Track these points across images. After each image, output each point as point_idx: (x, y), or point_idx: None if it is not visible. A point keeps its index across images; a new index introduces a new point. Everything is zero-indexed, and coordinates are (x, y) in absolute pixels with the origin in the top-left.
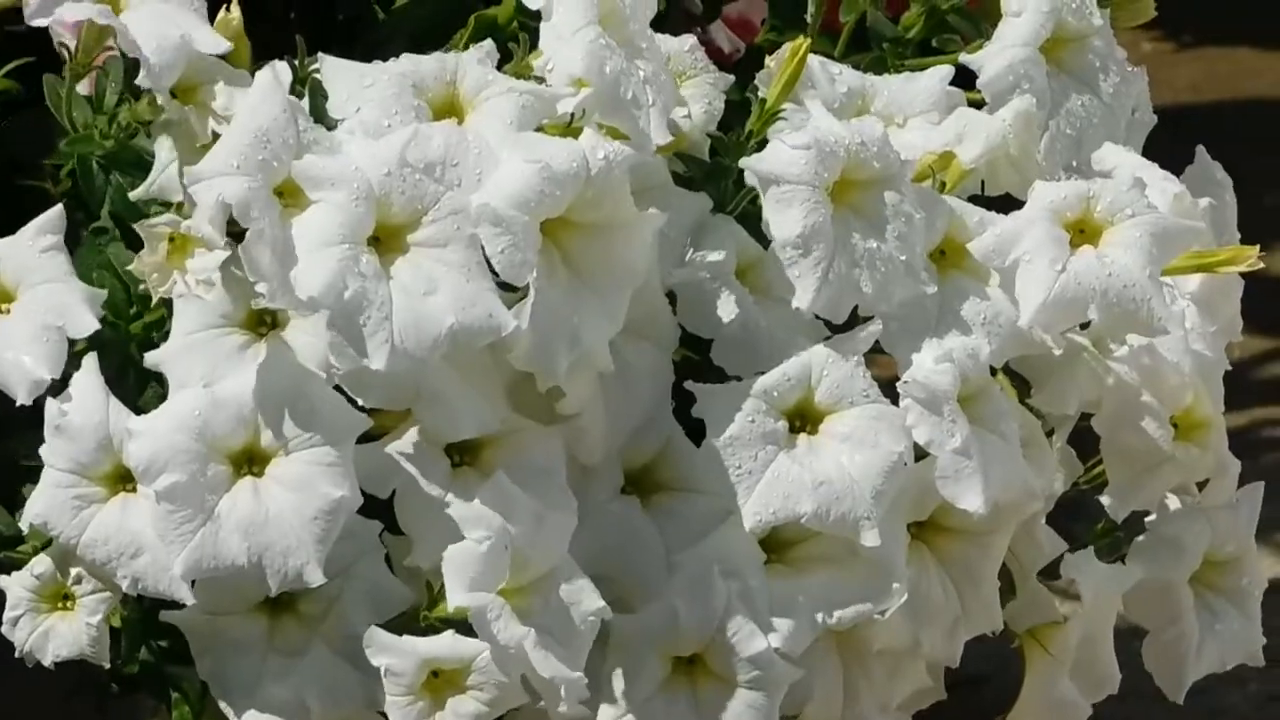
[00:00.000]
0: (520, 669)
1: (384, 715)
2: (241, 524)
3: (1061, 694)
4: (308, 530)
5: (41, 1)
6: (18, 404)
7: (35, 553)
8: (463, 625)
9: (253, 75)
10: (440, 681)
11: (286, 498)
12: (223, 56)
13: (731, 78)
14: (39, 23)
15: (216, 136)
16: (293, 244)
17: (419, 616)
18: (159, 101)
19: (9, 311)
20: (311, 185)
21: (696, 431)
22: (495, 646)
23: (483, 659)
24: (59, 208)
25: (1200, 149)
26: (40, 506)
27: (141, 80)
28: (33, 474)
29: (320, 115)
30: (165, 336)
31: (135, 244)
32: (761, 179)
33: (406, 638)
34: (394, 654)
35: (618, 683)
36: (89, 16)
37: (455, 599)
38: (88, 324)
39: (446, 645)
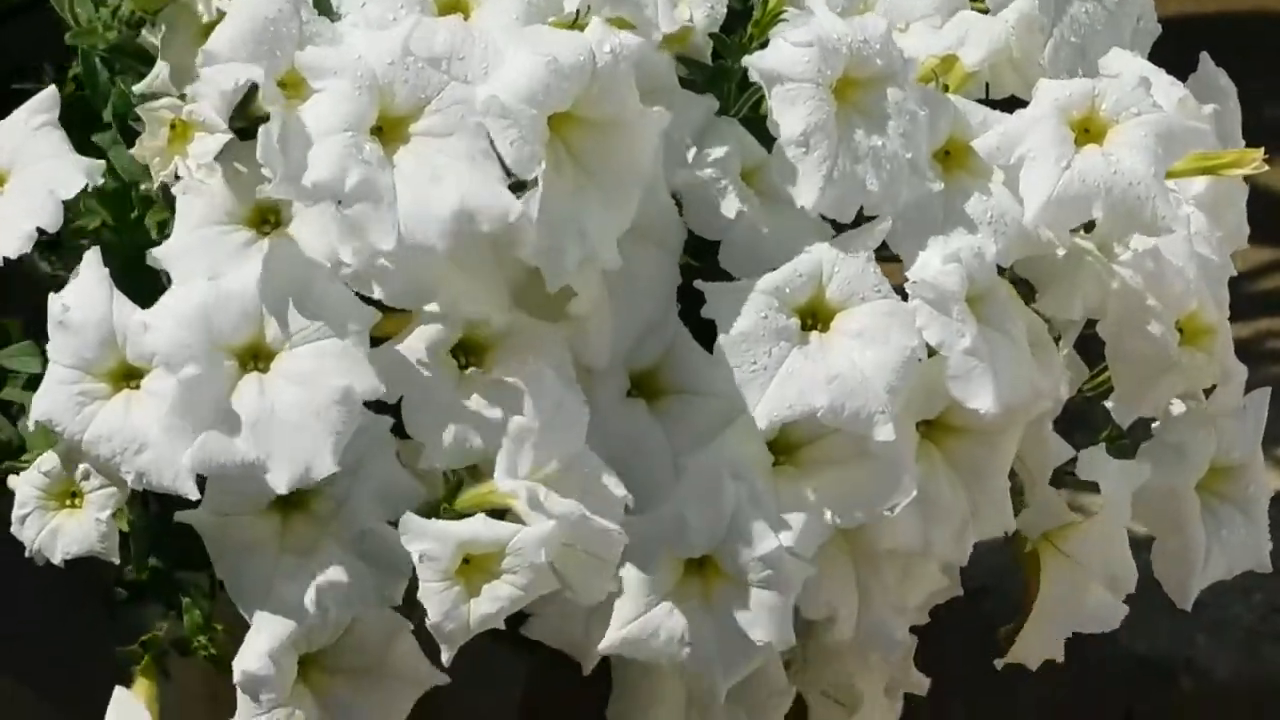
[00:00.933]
0: (575, 538)
1: (398, 610)
2: (249, 419)
3: (1090, 597)
4: (317, 423)
5: None
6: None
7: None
8: (489, 512)
9: None
10: (472, 568)
11: (293, 392)
12: None
13: None
14: None
15: (219, 16)
16: (301, 132)
17: (435, 511)
18: None
19: (3, 192)
20: (314, 74)
21: (701, 338)
22: (551, 520)
23: (517, 542)
24: (51, 88)
25: (1204, 55)
26: (45, 404)
27: None
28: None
29: (324, 9)
30: (167, 239)
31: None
32: (765, 77)
33: (441, 521)
34: (429, 538)
35: (631, 585)
36: None
37: (504, 484)
38: (77, 183)
39: (481, 528)
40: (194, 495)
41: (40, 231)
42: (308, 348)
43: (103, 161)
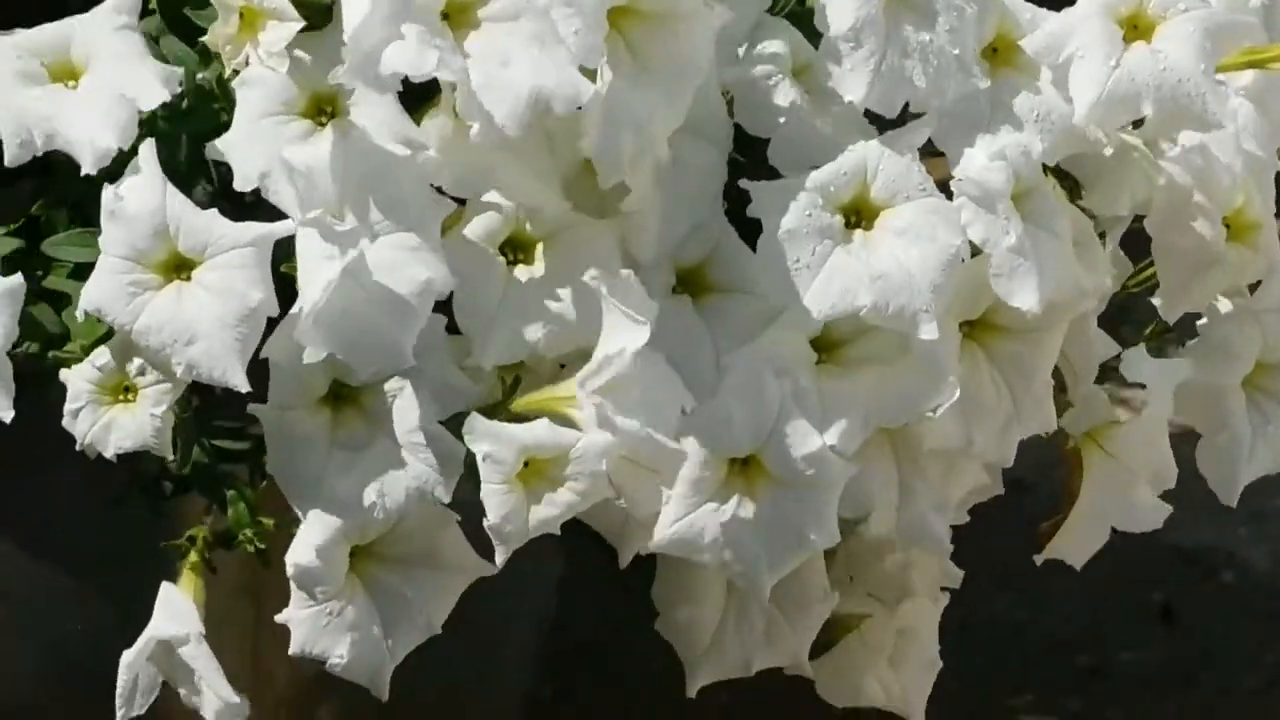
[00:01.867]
0: (638, 452)
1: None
2: (334, 311)
3: (1133, 494)
4: (400, 311)
5: None
6: (83, 172)
7: (85, 351)
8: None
9: None
10: (530, 473)
11: (375, 284)
12: None
13: None
14: None
15: None
16: (375, 19)
17: (490, 413)
18: None
19: (75, 86)
20: None
21: (747, 236)
22: (616, 434)
23: (579, 448)
24: None
25: None
26: (95, 293)
27: None
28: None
29: None
30: (222, 129)
31: (188, 35)
32: None
33: (506, 424)
34: (494, 441)
35: (677, 484)
36: None
37: (579, 392)
38: (158, 94)
39: (546, 433)
40: (244, 387)
41: None
42: (389, 238)
43: (179, 69)
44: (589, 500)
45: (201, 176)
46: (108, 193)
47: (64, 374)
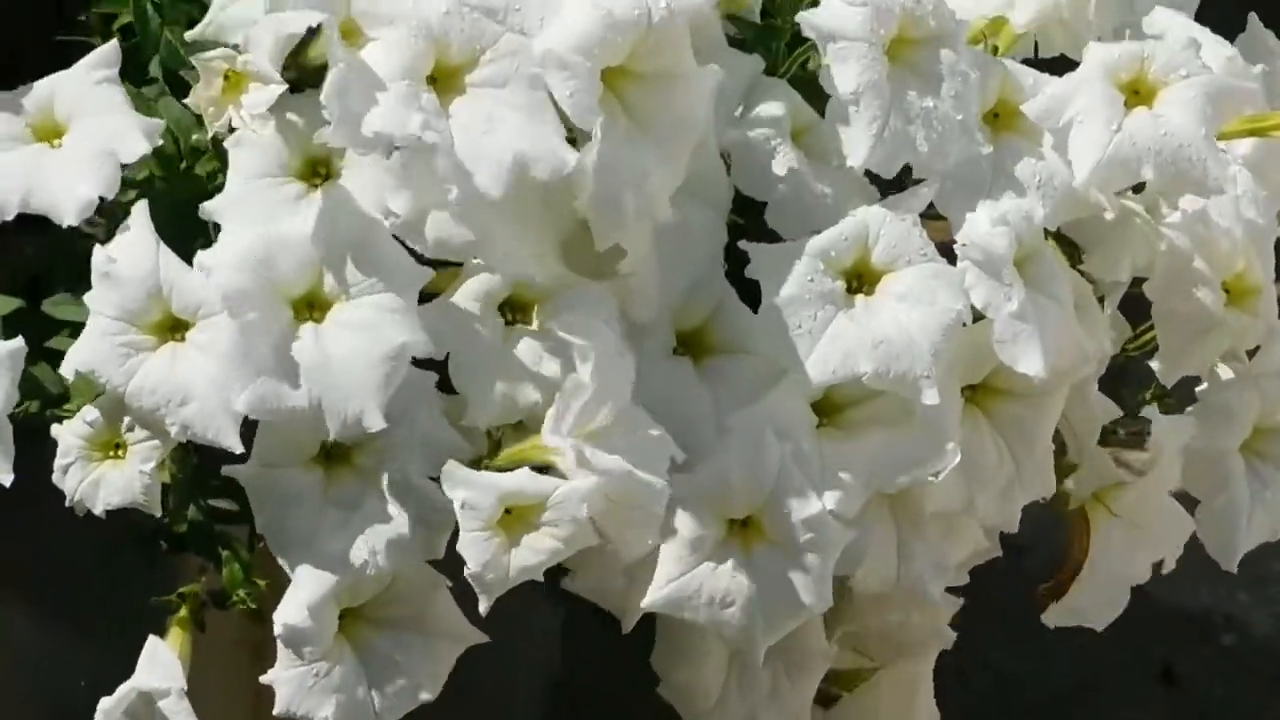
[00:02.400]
0: (620, 493)
1: (433, 564)
2: (304, 367)
3: (1142, 554)
4: (369, 374)
5: None
6: (64, 225)
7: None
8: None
9: None
10: (513, 519)
11: (350, 341)
12: None
13: None
14: None
15: None
16: (360, 80)
17: (477, 465)
18: None
19: (59, 145)
20: (371, 22)
21: (747, 298)
22: (597, 474)
23: (559, 495)
24: (114, 43)
25: (1252, 16)
26: (87, 354)
27: None
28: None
29: None
30: (217, 190)
31: (183, 96)
32: (818, 34)
33: (483, 472)
34: (472, 488)
35: (673, 543)
36: None
37: (550, 439)
38: (139, 147)
39: (525, 480)
40: (238, 448)
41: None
42: (367, 299)
43: (161, 121)
44: (572, 546)
45: (199, 235)
46: (99, 254)
47: (55, 430)
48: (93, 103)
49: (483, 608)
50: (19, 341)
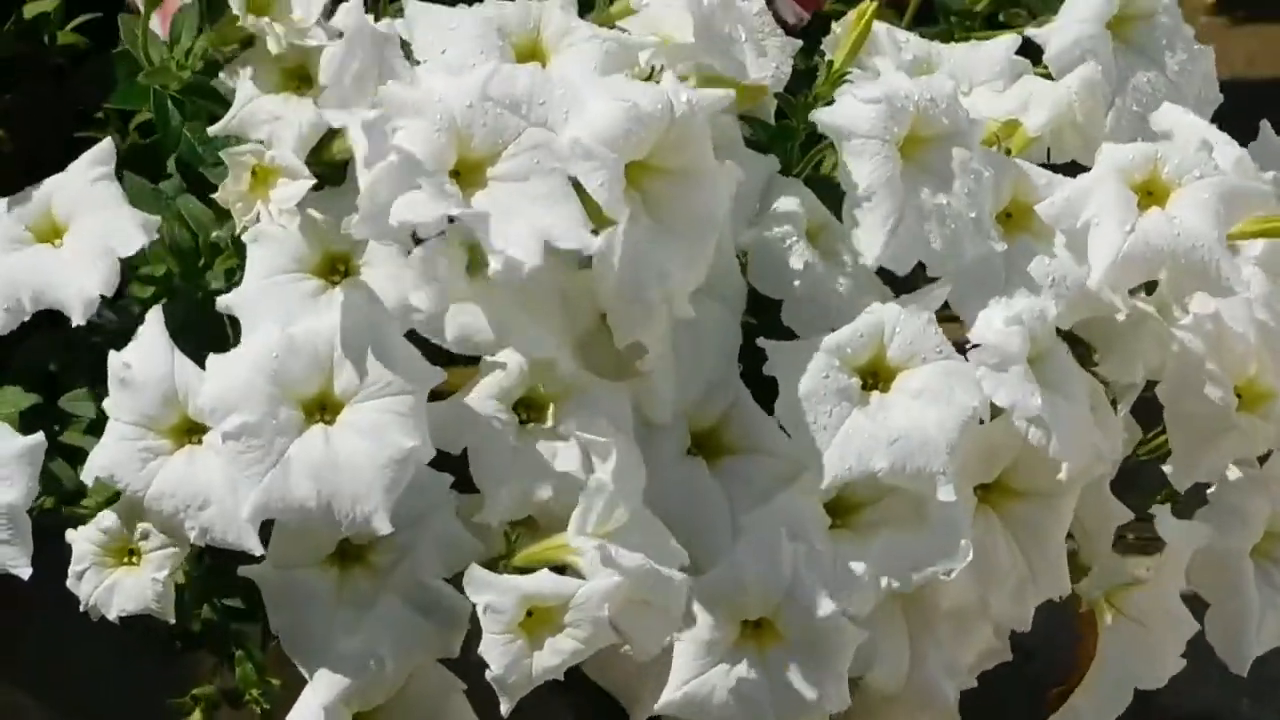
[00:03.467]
0: (642, 591)
1: (452, 666)
2: (311, 468)
3: (1149, 655)
4: (378, 477)
5: None
6: (74, 324)
7: (98, 508)
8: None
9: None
10: (535, 620)
11: (358, 444)
12: None
13: (798, 42)
14: None
15: (293, 54)
16: (385, 174)
17: (494, 566)
18: (234, 9)
19: (61, 245)
20: (395, 111)
21: (761, 398)
22: (622, 572)
23: (580, 596)
24: (108, 141)
25: (1264, 124)
26: (106, 459)
27: None
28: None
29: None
30: (236, 286)
31: (201, 193)
32: (833, 132)
33: (506, 575)
34: (495, 591)
35: (686, 646)
36: None
37: (575, 540)
38: (137, 241)
39: (547, 582)
40: (258, 551)
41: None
42: (376, 402)
43: (158, 217)
44: (592, 646)
45: (218, 332)
46: (115, 359)
47: (69, 535)
48: (90, 201)
49: (505, 710)
50: (39, 437)
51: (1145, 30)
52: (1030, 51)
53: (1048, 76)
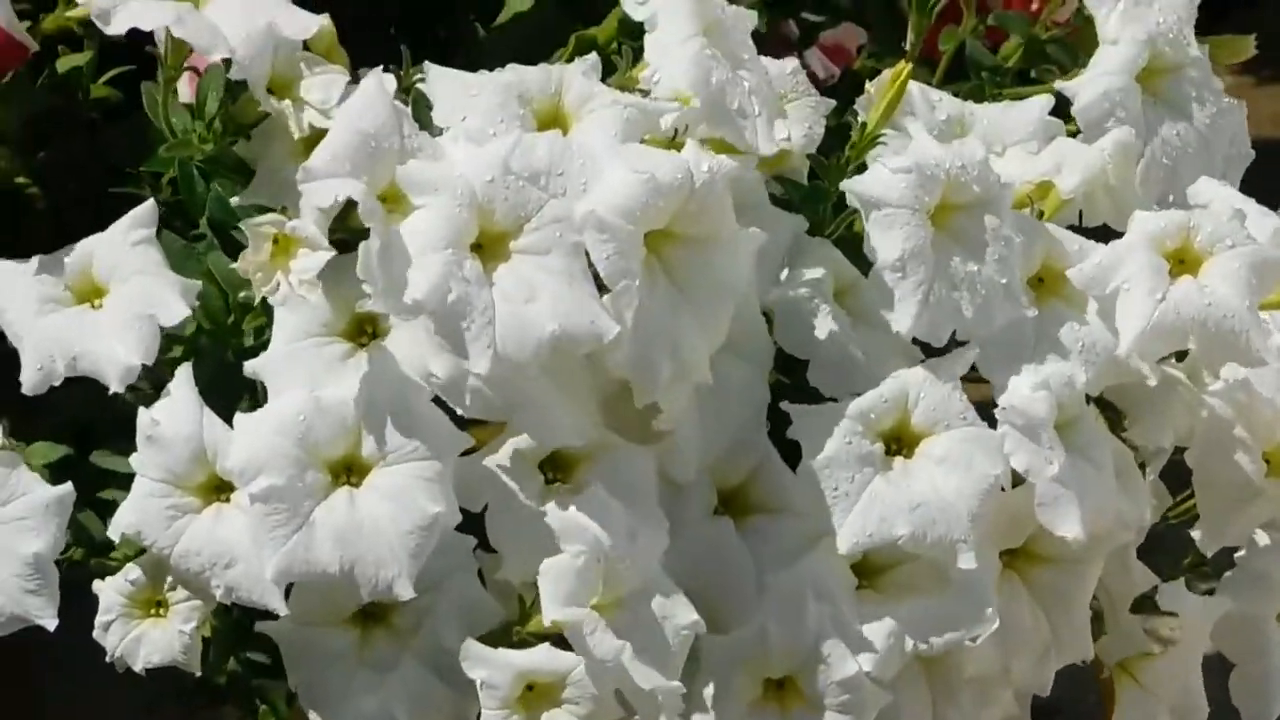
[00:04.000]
0: (617, 682)
1: None
2: (336, 532)
3: None
4: (402, 543)
5: (104, 8)
6: (110, 392)
7: (126, 560)
8: (558, 639)
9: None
10: (535, 695)
11: (383, 508)
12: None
13: (832, 102)
14: (113, 32)
15: (315, 130)
16: (401, 248)
17: (511, 631)
18: (255, 95)
19: (100, 306)
20: (415, 190)
21: (789, 456)
22: (591, 660)
23: (578, 673)
24: (150, 202)
25: None
26: (133, 516)
27: (234, 73)
28: (119, 480)
29: (423, 126)
30: (264, 345)
31: (233, 252)
32: (863, 201)
33: (502, 650)
34: (490, 666)
35: (708, 702)
36: (164, 23)
37: (551, 613)
38: (179, 311)
39: (543, 658)
40: (282, 610)
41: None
42: (403, 466)
43: (198, 283)
44: None
45: (246, 391)
46: (144, 417)
47: (97, 586)
48: (130, 264)
49: None
50: (68, 487)
51: (1174, 83)
52: (1063, 109)
53: (1078, 131)
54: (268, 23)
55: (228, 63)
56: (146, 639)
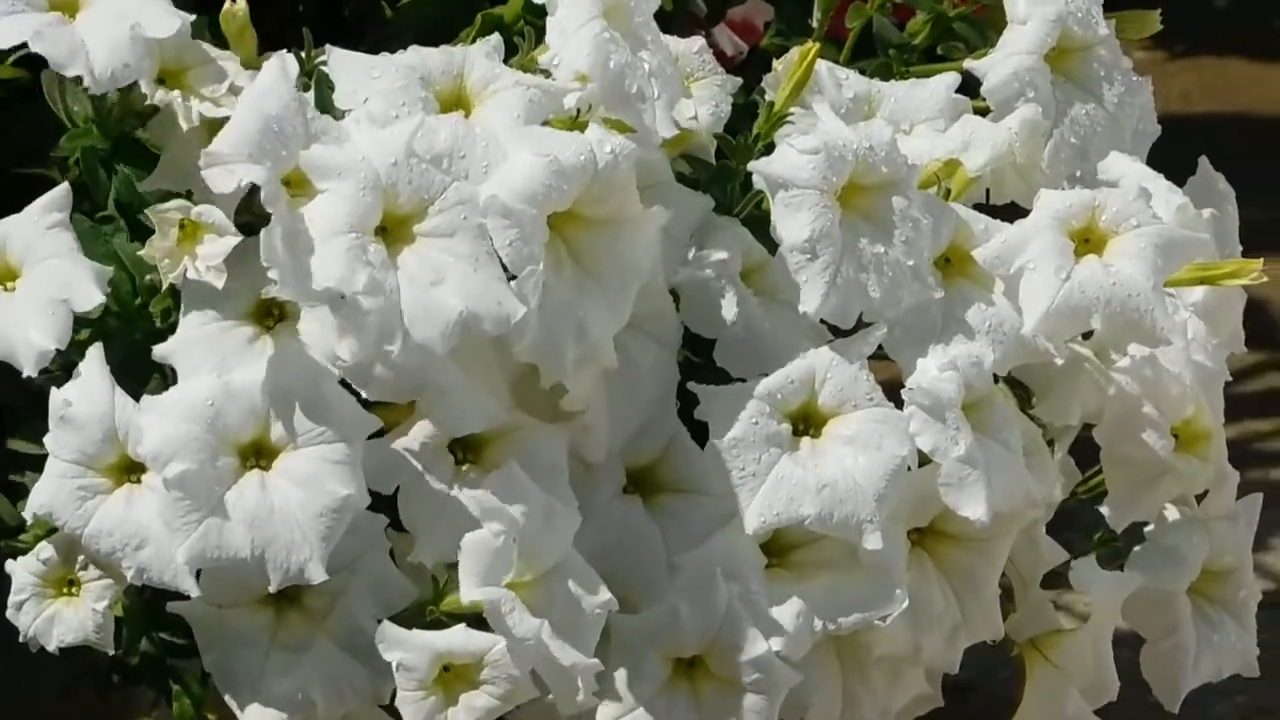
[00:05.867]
0: (536, 661)
1: (388, 710)
2: (247, 516)
3: (1070, 706)
4: (312, 526)
5: None
6: (24, 375)
7: (38, 541)
8: (473, 619)
9: (259, 68)
10: (451, 676)
11: (293, 493)
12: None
13: (739, 80)
14: None
15: (206, 121)
16: (305, 233)
17: (424, 611)
18: (143, 89)
19: (13, 289)
20: (319, 175)
21: (699, 434)
22: (511, 639)
23: (496, 653)
24: (65, 186)
25: (1203, 160)
26: (45, 497)
27: (93, 90)
28: (33, 462)
29: (326, 108)
30: (172, 328)
31: (140, 234)
32: (770, 182)
33: (419, 632)
34: (406, 648)
35: (620, 682)
36: (23, 38)
37: (469, 593)
38: (93, 297)
39: (460, 639)
40: (194, 591)
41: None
42: (312, 450)
43: (111, 268)
44: (511, 702)
45: (155, 373)
46: (55, 397)
47: (9, 566)
48: (44, 248)
49: None
50: None
51: (1084, 63)
52: (970, 85)
53: (987, 109)
54: (131, 28)
55: None
56: (60, 618)
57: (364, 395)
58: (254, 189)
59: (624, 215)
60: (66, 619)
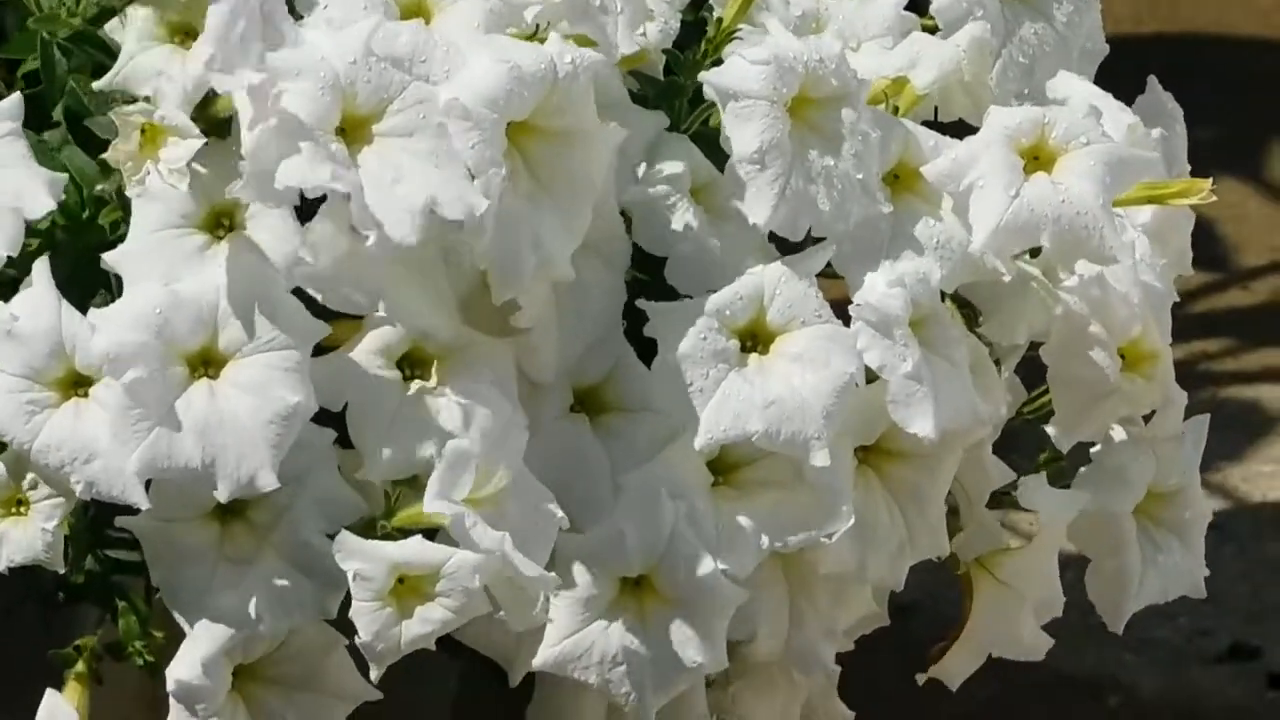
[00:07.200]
0: (499, 573)
1: (335, 625)
2: (196, 425)
3: (1025, 623)
4: (262, 434)
5: None
6: None
7: None
8: (425, 534)
9: None
10: (405, 589)
11: (242, 400)
12: None
13: None
14: None
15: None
16: (275, 134)
17: (374, 526)
18: None
19: None
20: (279, 75)
21: (645, 355)
22: (476, 551)
23: (451, 565)
24: (17, 95)
25: (1152, 79)
26: None
27: None
28: None
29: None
30: (121, 239)
31: (89, 147)
32: (720, 93)
33: (375, 542)
34: (363, 558)
35: (564, 603)
36: None
37: (433, 505)
38: (44, 204)
39: (416, 550)
40: (144, 504)
41: None
42: (260, 357)
43: (64, 176)
44: (465, 615)
45: (101, 286)
46: (1, 312)
47: None
48: None
49: (373, 676)
50: None
51: None
52: (919, 4)
53: (935, 27)
54: None
55: None
56: (7, 538)
57: (322, 302)
58: (208, 94)
59: (581, 129)
60: (14, 539)
